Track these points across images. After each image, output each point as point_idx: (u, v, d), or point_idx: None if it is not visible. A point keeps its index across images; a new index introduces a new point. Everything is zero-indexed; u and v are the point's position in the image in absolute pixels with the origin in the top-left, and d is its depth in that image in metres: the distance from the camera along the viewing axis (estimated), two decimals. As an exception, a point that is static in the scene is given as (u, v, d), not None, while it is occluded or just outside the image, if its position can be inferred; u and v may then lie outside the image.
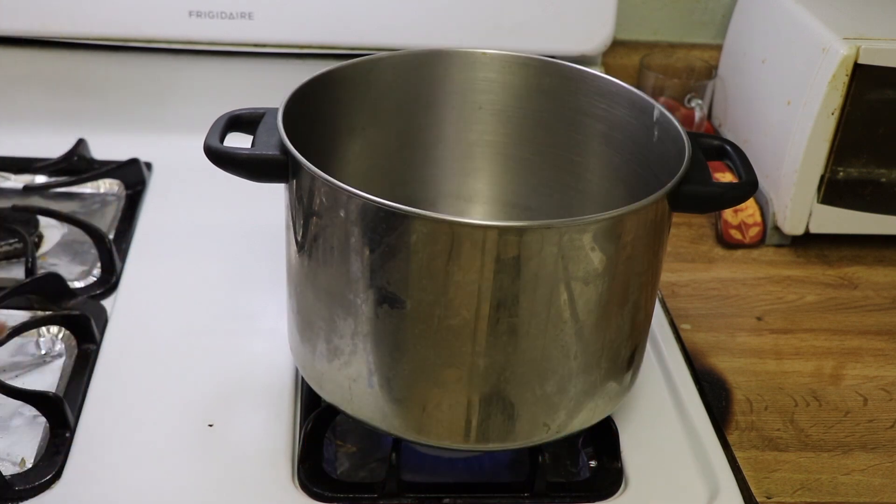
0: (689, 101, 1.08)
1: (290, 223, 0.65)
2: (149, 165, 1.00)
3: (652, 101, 0.71)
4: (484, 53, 0.77)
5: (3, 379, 0.71)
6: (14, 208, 0.89)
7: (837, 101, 0.90)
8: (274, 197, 0.69)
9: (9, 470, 0.65)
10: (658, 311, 0.86)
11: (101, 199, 0.96)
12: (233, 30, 1.02)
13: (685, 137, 0.65)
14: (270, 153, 0.63)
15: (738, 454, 0.73)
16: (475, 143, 0.80)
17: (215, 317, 0.81)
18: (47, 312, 0.79)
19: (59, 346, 0.77)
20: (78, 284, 0.83)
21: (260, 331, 0.80)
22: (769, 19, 1.03)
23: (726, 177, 0.97)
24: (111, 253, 0.85)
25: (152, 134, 1.04)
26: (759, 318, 0.89)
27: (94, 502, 0.64)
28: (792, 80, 0.95)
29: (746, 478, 0.71)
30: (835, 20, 0.94)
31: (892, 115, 0.92)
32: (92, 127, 1.03)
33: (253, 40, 1.03)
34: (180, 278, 0.85)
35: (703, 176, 0.64)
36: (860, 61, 0.89)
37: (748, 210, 0.98)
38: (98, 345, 0.77)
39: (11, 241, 0.86)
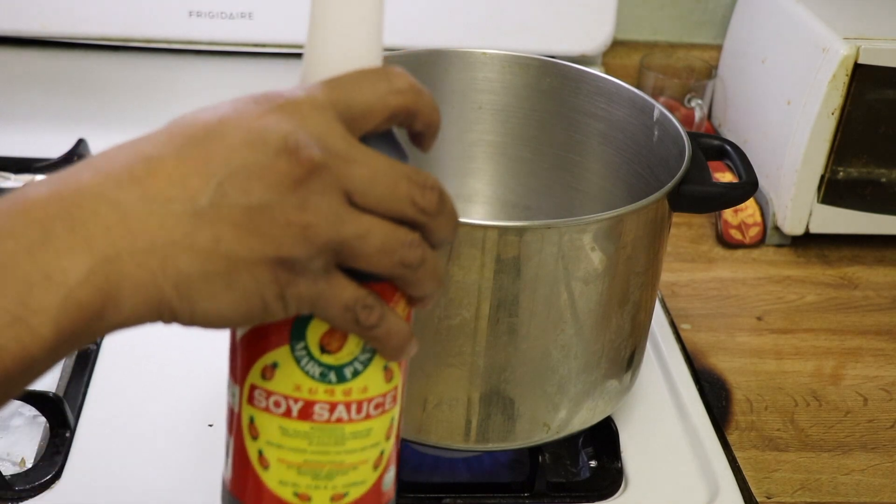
0: (689, 101, 1.08)
1: (290, 223, 0.65)
2: (149, 165, 1.00)
3: (652, 101, 0.71)
4: (484, 53, 0.77)
5: (3, 379, 0.71)
6: (14, 208, 0.89)
7: (837, 101, 0.90)
8: (274, 197, 0.69)
9: (9, 470, 0.65)
10: (658, 311, 0.86)
11: (101, 199, 0.96)
12: (233, 30, 1.02)
13: (685, 137, 0.65)
14: (270, 153, 0.63)
15: (738, 454, 0.73)
16: (475, 143, 0.80)
17: (215, 317, 0.81)
18: (47, 312, 0.79)
19: (59, 346, 0.77)
20: (78, 284, 0.83)
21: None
22: (769, 19, 1.03)
23: (726, 177, 0.97)
24: (111, 253, 0.85)
25: (152, 134, 1.04)
26: (759, 318, 0.89)
27: (94, 502, 0.64)
28: (792, 80, 0.95)
29: (746, 478, 0.71)
30: (835, 20, 0.94)
31: (892, 115, 0.92)
32: (92, 127, 1.03)
33: (253, 40, 1.03)
34: (180, 278, 0.85)
35: (703, 176, 0.64)
36: (860, 61, 0.89)
37: (748, 210, 0.98)
38: (98, 345, 0.77)
39: (11, 241, 0.86)
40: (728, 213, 0.98)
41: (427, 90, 0.41)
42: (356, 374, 0.42)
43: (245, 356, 0.43)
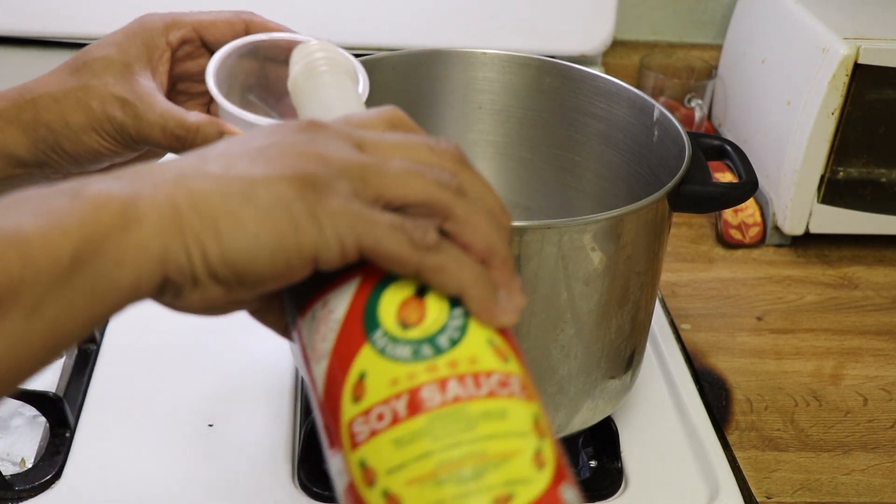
0: (689, 101, 1.08)
1: (290, 223, 0.65)
2: (149, 165, 1.00)
3: (652, 101, 0.71)
4: (484, 53, 0.77)
5: (3, 379, 0.71)
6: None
7: (837, 101, 0.90)
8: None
9: (9, 470, 0.65)
10: (658, 311, 0.86)
11: (101, 199, 0.96)
12: (233, 30, 1.01)
13: (685, 137, 0.65)
14: (270, 153, 0.63)
15: (738, 454, 0.73)
16: (475, 143, 0.80)
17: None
18: (47, 312, 0.79)
19: (59, 346, 0.77)
20: (78, 284, 0.83)
21: (260, 331, 0.79)
22: (769, 19, 1.03)
23: (726, 177, 0.97)
24: (111, 253, 0.85)
25: (152, 134, 1.04)
26: (759, 318, 0.89)
27: (93, 502, 0.64)
28: (792, 80, 0.95)
29: (746, 478, 0.71)
30: (835, 20, 0.94)
31: (892, 115, 0.92)
32: (92, 127, 1.03)
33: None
34: (180, 278, 0.85)
35: (703, 176, 0.64)
36: (860, 61, 0.89)
37: (748, 210, 0.98)
38: (98, 344, 0.77)
39: (11, 240, 0.86)
40: (728, 213, 0.98)
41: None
42: (454, 342, 0.36)
43: (331, 395, 0.37)
